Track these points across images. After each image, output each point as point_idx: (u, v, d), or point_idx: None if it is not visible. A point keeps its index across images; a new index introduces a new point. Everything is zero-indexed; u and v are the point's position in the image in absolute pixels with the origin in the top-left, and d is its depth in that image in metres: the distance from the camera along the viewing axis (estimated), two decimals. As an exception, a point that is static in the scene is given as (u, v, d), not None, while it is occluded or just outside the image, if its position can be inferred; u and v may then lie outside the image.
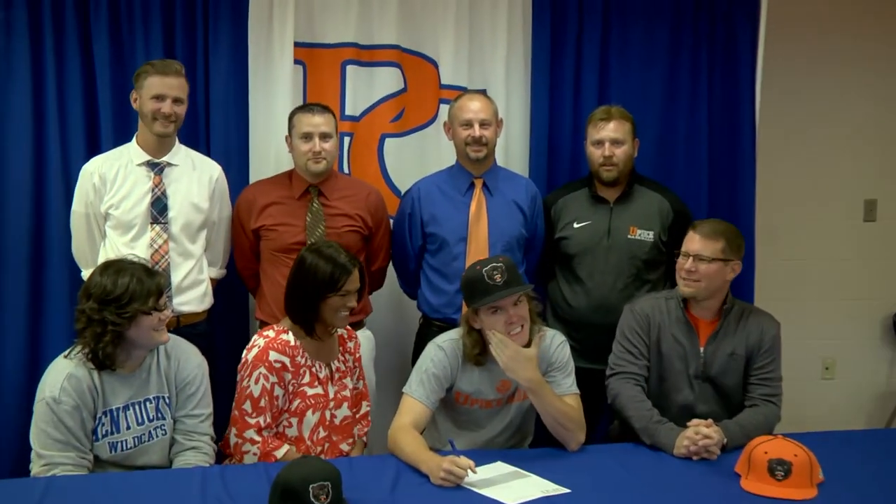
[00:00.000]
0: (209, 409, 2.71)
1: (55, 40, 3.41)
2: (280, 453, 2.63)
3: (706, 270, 2.82)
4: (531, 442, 2.94)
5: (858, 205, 4.56)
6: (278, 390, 2.65)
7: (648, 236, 3.31)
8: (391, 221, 3.47)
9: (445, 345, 2.76)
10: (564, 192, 3.48)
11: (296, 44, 3.58)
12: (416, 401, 2.67)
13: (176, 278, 3.07)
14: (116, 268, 2.52)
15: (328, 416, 2.75)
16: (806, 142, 4.42)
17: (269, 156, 3.59)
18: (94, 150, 3.38)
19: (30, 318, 3.44)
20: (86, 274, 3.14)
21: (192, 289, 3.14)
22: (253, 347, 2.68)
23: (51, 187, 3.42)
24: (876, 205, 4.57)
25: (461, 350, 2.75)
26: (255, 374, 2.63)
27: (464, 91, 3.54)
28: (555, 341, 2.81)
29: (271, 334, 2.69)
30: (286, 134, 3.28)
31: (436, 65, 3.74)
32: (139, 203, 3.09)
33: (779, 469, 2.36)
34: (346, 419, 2.82)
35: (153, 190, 3.11)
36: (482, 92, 3.56)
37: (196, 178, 3.19)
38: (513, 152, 3.79)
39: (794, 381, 3.19)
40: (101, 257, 3.05)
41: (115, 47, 3.45)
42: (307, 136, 3.17)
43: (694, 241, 2.86)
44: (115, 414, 2.54)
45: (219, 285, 3.37)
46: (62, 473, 2.41)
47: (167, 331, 2.62)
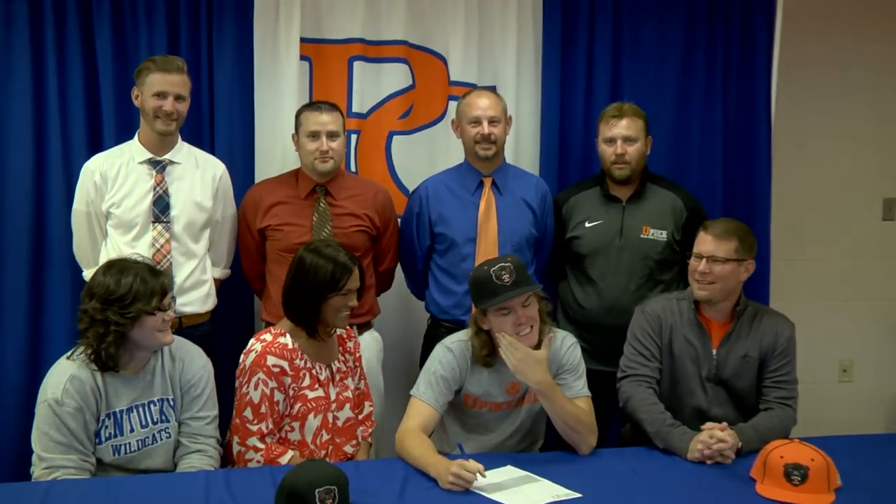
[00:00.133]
0: (215, 412, 2.71)
1: (56, 35, 3.40)
2: (284, 460, 2.62)
3: (721, 271, 2.81)
4: (541, 446, 2.93)
5: (877, 204, 4.54)
6: (278, 395, 2.64)
7: (662, 236, 3.30)
8: (399, 221, 3.47)
9: (454, 346, 2.76)
10: (576, 191, 3.47)
11: (302, 39, 3.58)
12: (424, 403, 2.67)
13: (178, 279, 3.06)
14: (120, 267, 2.52)
15: (330, 419, 2.74)
16: (823, 140, 4.39)
17: (274, 154, 3.59)
18: (96, 147, 3.38)
19: (30, 318, 3.44)
20: (87, 274, 3.14)
21: (194, 289, 3.14)
22: (250, 352, 2.66)
23: (52, 185, 3.42)
24: (895, 204, 4.54)
25: (470, 352, 2.74)
26: (253, 379, 2.61)
27: (473, 88, 3.53)
28: (565, 343, 2.80)
29: (268, 338, 2.68)
30: (293, 132, 3.28)
31: (444, 61, 3.73)
32: (141, 202, 3.08)
33: (795, 474, 2.34)
34: (349, 420, 2.81)
35: (155, 188, 3.10)
36: (491, 88, 3.57)
37: (199, 176, 3.19)
38: (523, 150, 3.79)
39: (811, 383, 3.18)
40: (103, 257, 3.05)
41: (117, 42, 3.44)
42: (314, 135, 3.17)
43: (706, 242, 2.84)
44: (118, 416, 2.54)
45: (223, 286, 3.37)
46: (64, 476, 2.41)
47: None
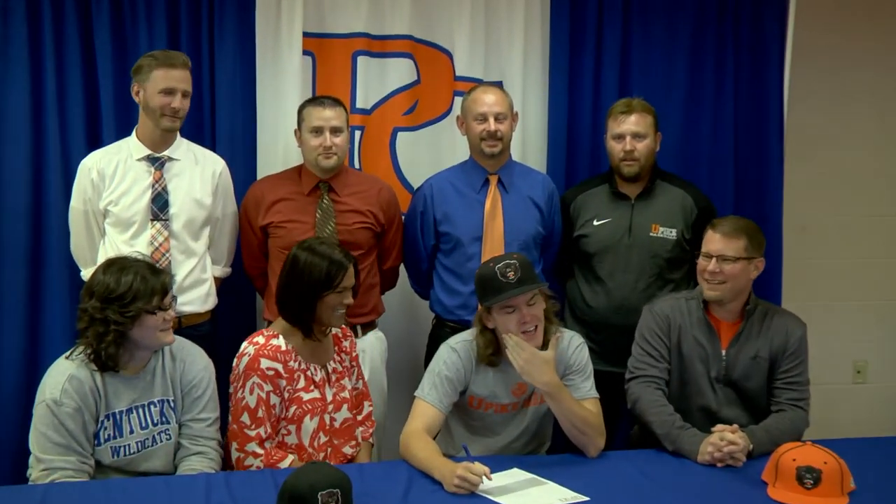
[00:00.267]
0: (216, 413, 2.71)
1: (54, 29, 3.39)
2: (284, 465, 2.61)
3: (731, 271, 2.80)
4: (548, 448, 2.93)
5: (891, 200, 4.51)
6: (274, 398, 2.63)
7: (671, 234, 3.29)
8: (404, 218, 3.46)
9: (458, 346, 2.76)
10: (584, 189, 3.46)
11: (305, 34, 3.57)
12: (428, 405, 2.67)
13: (178, 277, 3.04)
14: (120, 265, 2.52)
15: (327, 421, 2.74)
16: (836, 136, 4.36)
17: (277, 150, 3.59)
18: (94, 144, 3.37)
19: (29, 317, 3.44)
20: (85, 273, 3.15)
21: (194, 288, 3.14)
22: (243, 356, 2.65)
23: (50, 183, 3.41)
24: (909, 202, 4.52)
25: (475, 352, 2.74)
26: (248, 384, 2.61)
27: (479, 83, 3.53)
28: (573, 343, 2.79)
29: (261, 340, 2.67)
30: (295, 128, 3.28)
31: (450, 56, 3.72)
32: (139, 199, 3.08)
33: (808, 477, 2.34)
34: (347, 421, 2.80)
35: (154, 185, 3.10)
36: (498, 84, 3.57)
37: (198, 172, 3.18)
38: (530, 147, 3.78)
39: (824, 384, 3.17)
40: (101, 256, 3.05)
41: (117, 37, 3.44)
42: (317, 131, 3.16)
43: (714, 241, 2.83)
44: (117, 417, 2.54)
45: (224, 285, 3.37)
46: (62, 478, 2.41)
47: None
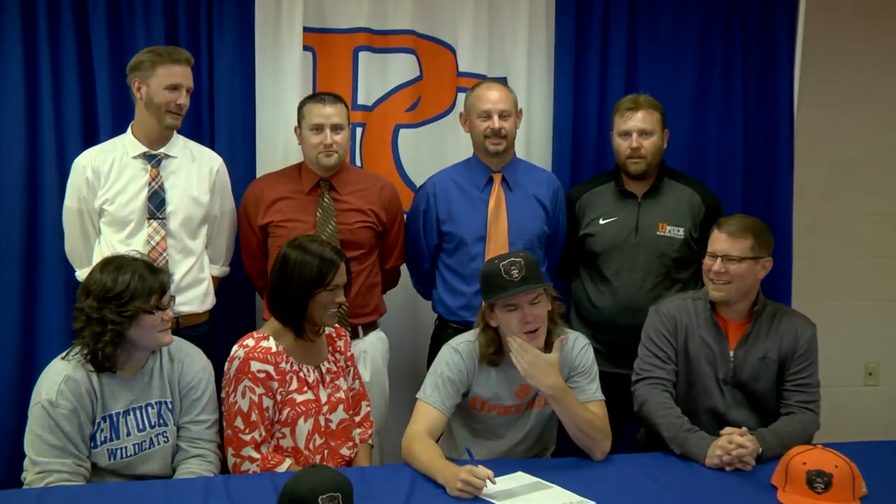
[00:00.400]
0: (215, 416, 2.71)
1: (49, 24, 3.39)
2: (282, 469, 2.61)
3: (736, 271, 2.79)
4: (553, 451, 2.92)
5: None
6: (267, 401, 2.63)
7: (679, 233, 3.28)
8: (406, 217, 3.46)
9: (461, 347, 2.75)
10: (589, 187, 3.46)
11: (305, 29, 3.58)
12: (430, 407, 2.66)
13: (175, 277, 3.04)
14: (117, 264, 2.52)
15: (322, 422, 2.73)
16: (847, 132, 4.36)
17: (277, 148, 3.59)
18: (91, 142, 3.37)
19: (24, 318, 3.44)
20: (80, 274, 3.15)
21: (192, 288, 3.13)
22: (233, 360, 2.66)
23: (45, 181, 3.41)
24: (921, 201, 4.51)
25: (477, 351, 2.73)
26: (240, 388, 2.61)
27: (482, 79, 3.52)
28: (577, 344, 2.78)
29: (251, 343, 2.67)
30: (295, 125, 3.28)
31: (453, 51, 3.72)
32: (135, 197, 3.07)
33: (818, 481, 2.33)
34: (343, 422, 2.80)
35: (150, 183, 3.09)
36: (502, 80, 3.56)
37: (195, 170, 3.18)
38: (534, 145, 3.78)
39: (835, 386, 3.16)
40: (96, 256, 3.04)
41: (113, 32, 3.43)
42: (318, 128, 3.16)
43: (720, 241, 2.83)
44: (114, 419, 2.54)
45: (224, 284, 3.37)
46: (57, 481, 2.41)
47: (169, 332, 2.62)
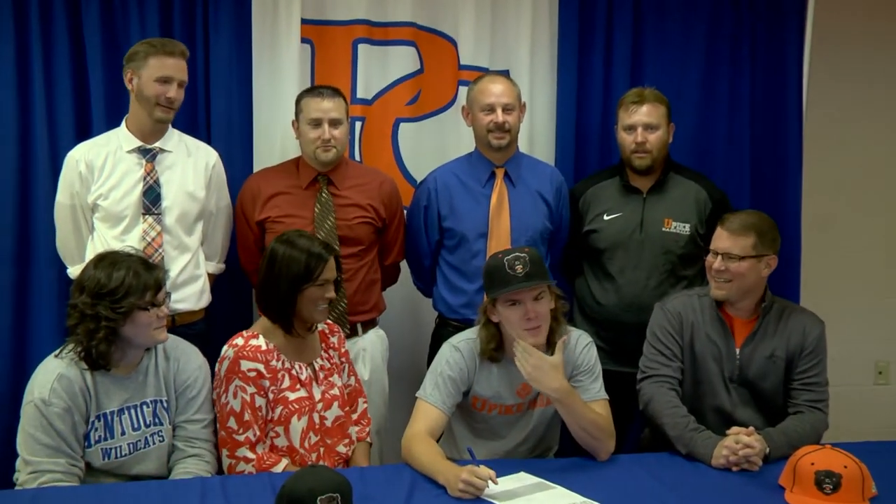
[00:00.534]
0: (211, 415, 2.70)
1: (41, 17, 3.37)
2: (278, 469, 2.61)
3: (737, 269, 2.78)
4: (556, 451, 2.92)
5: (916, 193, 4.51)
6: (260, 400, 2.64)
7: (684, 229, 3.28)
8: (406, 213, 3.45)
9: (462, 345, 2.75)
10: (593, 182, 3.45)
11: (303, 21, 3.57)
12: (430, 406, 2.66)
13: (171, 273, 3.04)
14: (111, 260, 2.52)
15: (317, 419, 2.73)
16: (857, 132, 4.36)
17: (274, 142, 3.58)
18: (84, 136, 3.34)
19: (16, 315, 3.43)
20: (72, 271, 3.15)
21: (188, 285, 3.13)
22: (224, 360, 2.67)
23: (38, 177, 3.40)
24: (931, 196, 4.50)
25: (478, 349, 2.73)
26: (231, 388, 2.62)
27: (485, 72, 3.52)
28: (580, 343, 2.78)
29: (240, 342, 2.68)
30: (293, 119, 3.27)
31: (454, 43, 3.71)
32: (130, 193, 3.06)
33: (827, 482, 2.33)
34: (339, 419, 2.79)
35: (145, 178, 3.08)
36: (504, 73, 3.56)
37: (191, 164, 3.17)
38: (538, 139, 3.77)
39: (845, 385, 3.15)
40: (90, 252, 3.04)
41: (106, 25, 3.42)
42: (316, 123, 3.16)
43: (722, 239, 2.82)
44: (108, 418, 2.53)
45: (220, 281, 3.37)
46: (50, 481, 2.41)
47: (164, 330, 2.61)
